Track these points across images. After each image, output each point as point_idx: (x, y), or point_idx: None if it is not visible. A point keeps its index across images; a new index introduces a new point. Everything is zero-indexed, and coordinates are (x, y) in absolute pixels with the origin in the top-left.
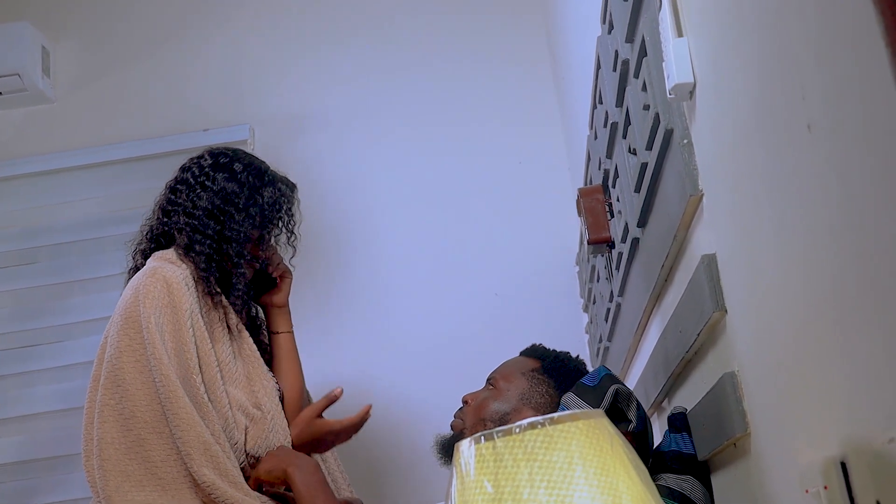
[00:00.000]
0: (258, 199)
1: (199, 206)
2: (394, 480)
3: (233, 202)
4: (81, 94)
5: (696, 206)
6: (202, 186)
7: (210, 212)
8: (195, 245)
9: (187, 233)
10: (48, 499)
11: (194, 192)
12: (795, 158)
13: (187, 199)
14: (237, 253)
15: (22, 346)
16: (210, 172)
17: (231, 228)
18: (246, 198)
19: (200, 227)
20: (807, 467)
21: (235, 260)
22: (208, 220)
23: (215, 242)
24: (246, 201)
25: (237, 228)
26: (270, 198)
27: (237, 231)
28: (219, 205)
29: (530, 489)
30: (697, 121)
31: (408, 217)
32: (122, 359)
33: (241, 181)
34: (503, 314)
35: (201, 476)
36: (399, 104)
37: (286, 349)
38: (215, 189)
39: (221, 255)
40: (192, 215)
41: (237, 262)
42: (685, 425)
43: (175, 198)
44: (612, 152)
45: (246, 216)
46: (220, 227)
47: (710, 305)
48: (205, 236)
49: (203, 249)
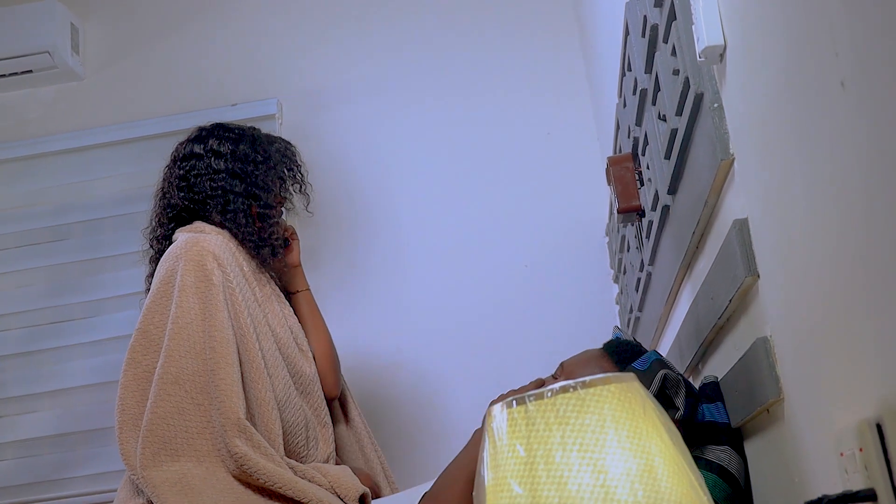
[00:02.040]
0: (270, 151)
1: (220, 170)
2: (423, 454)
3: (249, 159)
4: (111, 70)
5: (728, 170)
6: (214, 153)
7: (232, 172)
8: (229, 206)
9: (217, 196)
10: (84, 471)
11: (208, 160)
12: (829, 117)
13: (204, 167)
14: (265, 205)
15: (55, 322)
16: (215, 141)
17: (255, 184)
18: (262, 152)
19: (229, 188)
20: (842, 431)
21: (264, 212)
22: (233, 180)
23: (245, 199)
24: (262, 155)
25: (262, 182)
26: (278, 150)
27: (262, 184)
28: (239, 165)
29: (562, 452)
30: (728, 84)
31: (436, 190)
32: (174, 328)
33: (249, 140)
34: (532, 286)
35: (234, 447)
36: (425, 77)
37: (308, 306)
38: (228, 152)
39: (251, 211)
40: (216, 179)
41: (267, 214)
42: (718, 394)
43: (187, 173)
44: (641, 120)
45: (266, 167)
46: (245, 184)
47: (742, 271)
48: (235, 194)
49: (238, 207)
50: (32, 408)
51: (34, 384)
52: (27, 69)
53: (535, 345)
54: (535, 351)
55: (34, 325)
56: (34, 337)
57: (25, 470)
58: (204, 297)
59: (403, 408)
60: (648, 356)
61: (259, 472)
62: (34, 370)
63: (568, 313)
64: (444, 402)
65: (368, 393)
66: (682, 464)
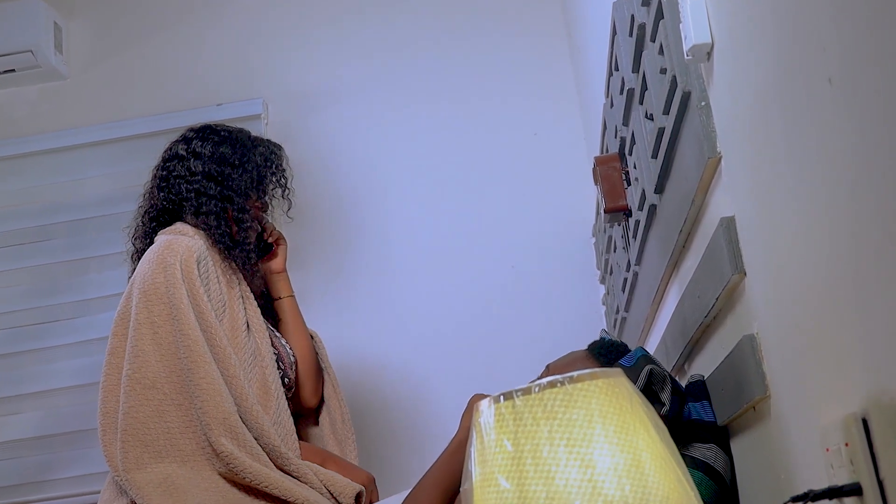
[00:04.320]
0: (251, 156)
1: (196, 172)
2: (407, 457)
3: (228, 162)
4: (95, 70)
5: (715, 168)
6: (195, 155)
7: (208, 174)
8: (202, 207)
9: (192, 199)
10: (68, 473)
11: (189, 162)
12: (816, 115)
13: (183, 168)
14: (240, 208)
15: (39, 323)
16: (199, 143)
17: (230, 187)
18: (240, 156)
19: (203, 190)
20: (828, 426)
21: (239, 215)
22: (209, 182)
23: (219, 201)
24: (241, 158)
25: (236, 185)
26: (262, 154)
27: (237, 187)
28: (215, 167)
29: (550, 447)
30: (715, 82)
31: (422, 191)
32: (140, 330)
33: (230, 143)
34: (519, 287)
35: (220, 446)
36: (412, 78)
37: (291, 313)
38: (208, 154)
39: (227, 214)
40: (192, 181)
41: (241, 218)
42: (704, 392)
43: (169, 173)
44: (628, 119)
45: (243, 171)
46: (220, 187)
47: (728, 268)
48: (209, 197)
49: (211, 209)
50: (16, 409)
51: (18, 385)
52: (10, 68)
53: (522, 346)
54: (522, 352)
55: (19, 325)
56: (18, 337)
57: (9, 472)
58: (172, 300)
59: (389, 410)
60: (635, 353)
61: (245, 470)
62: (18, 371)
63: (554, 314)
64: (430, 403)
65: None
66: (670, 459)
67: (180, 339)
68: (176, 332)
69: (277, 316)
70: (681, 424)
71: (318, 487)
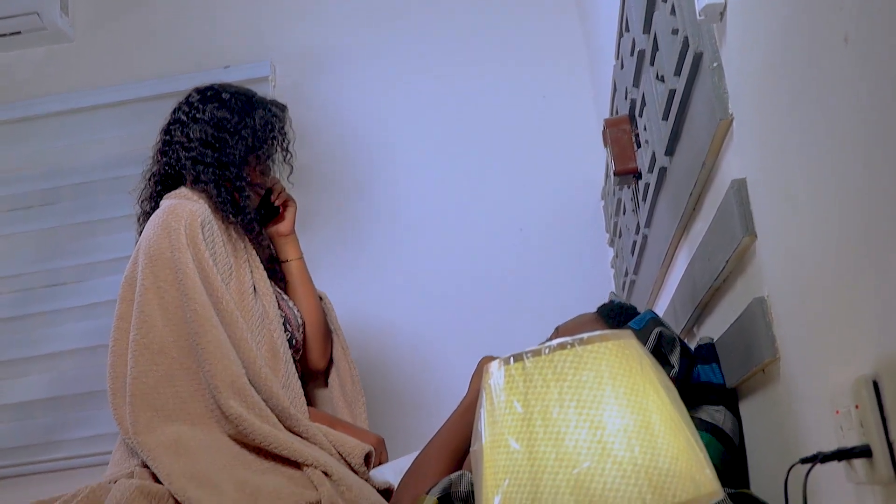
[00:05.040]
0: (249, 121)
1: (193, 139)
2: (415, 418)
3: (225, 128)
4: (101, 32)
5: (726, 130)
6: (194, 120)
7: (205, 141)
8: (201, 175)
9: (190, 166)
10: (77, 434)
11: (187, 127)
12: (830, 74)
13: (182, 134)
14: (237, 176)
15: (47, 286)
16: (199, 105)
17: (227, 153)
18: (237, 122)
19: (199, 157)
20: (837, 388)
21: (237, 184)
22: (205, 149)
23: (217, 169)
24: (237, 125)
25: (232, 152)
26: (262, 119)
27: (233, 154)
28: (212, 133)
29: (560, 408)
30: (728, 42)
31: (431, 153)
32: (147, 295)
33: (230, 107)
34: (527, 249)
35: (229, 409)
36: (420, 39)
37: (298, 275)
38: (206, 119)
39: (225, 181)
40: (189, 148)
41: (240, 186)
42: (713, 355)
43: (170, 137)
44: (638, 81)
45: (239, 139)
46: (217, 154)
47: (739, 231)
48: (206, 165)
49: (208, 178)
50: (25, 371)
51: (26, 348)
52: (15, 30)
53: (530, 309)
54: (531, 315)
55: (26, 288)
56: (26, 301)
57: (18, 433)
58: (177, 264)
59: (397, 372)
60: (644, 315)
61: (254, 432)
62: (26, 334)
63: (563, 277)
64: (438, 365)
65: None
66: (679, 420)
67: (186, 304)
68: (182, 296)
69: (286, 279)
70: (689, 387)
71: (327, 448)
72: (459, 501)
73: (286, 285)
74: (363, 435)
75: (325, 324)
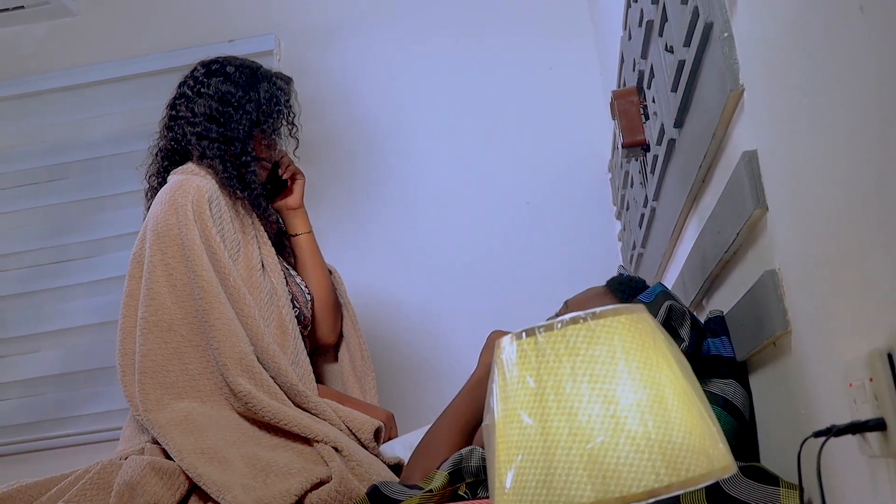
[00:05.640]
0: (253, 95)
1: (198, 114)
2: (422, 392)
3: (229, 102)
4: (104, 6)
5: (737, 101)
6: (198, 94)
7: (210, 116)
8: (206, 151)
9: (195, 142)
10: (87, 410)
11: (192, 102)
12: (845, 45)
13: (187, 109)
14: (242, 151)
15: (55, 262)
16: (204, 80)
17: (232, 128)
18: (241, 96)
19: (204, 133)
20: (851, 361)
21: (243, 159)
22: (210, 125)
23: (222, 144)
24: (241, 99)
25: (237, 126)
26: (266, 92)
27: (238, 129)
28: (216, 107)
29: (573, 383)
30: (738, 12)
31: (437, 127)
32: (155, 273)
33: (234, 81)
34: (534, 223)
35: (237, 386)
36: (426, 12)
37: (308, 250)
38: (211, 93)
39: (230, 156)
40: (194, 123)
41: (245, 161)
42: (723, 328)
43: (176, 113)
44: (647, 52)
45: (244, 113)
46: (222, 129)
47: (750, 203)
48: (211, 140)
49: (214, 153)
50: (34, 348)
51: (36, 324)
52: (19, 5)
53: (537, 282)
54: (538, 288)
55: (34, 265)
56: (34, 277)
57: (29, 409)
58: (185, 241)
59: (404, 346)
60: (654, 288)
61: (264, 409)
62: (35, 310)
63: (570, 250)
64: (446, 339)
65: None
66: (692, 395)
67: (194, 281)
68: (190, 272)
69: (295, 253)
70: (699, 360)
71: (336, 424)
72: (470, 476)
73: (295, 260)
74: (372, 410)
75: (335, 298)
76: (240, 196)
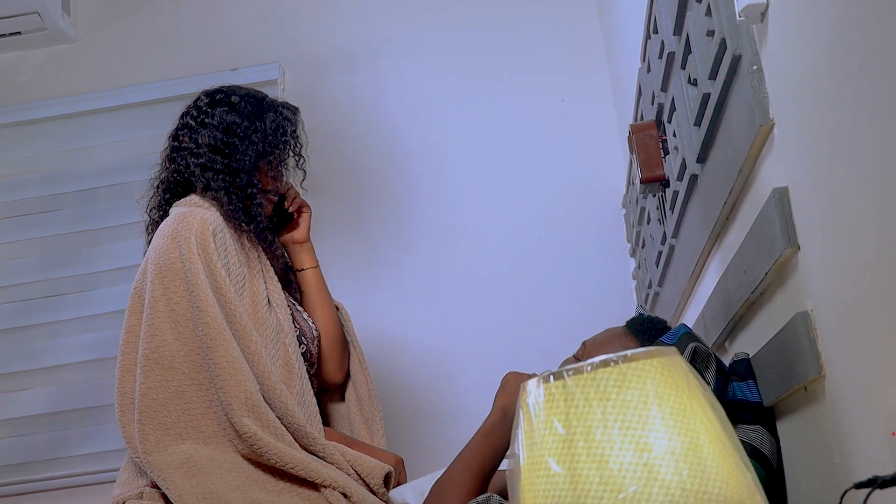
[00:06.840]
0: (259, 125)
1: (202, 144)
2: (432, 434)
3: (234, 132)
4: (104, 32)
5: (766, 136)
6: (202, 125)
7: (214, 147)
8: (210, 183)
9: (199, 173)
10: (80, 450)
11: (196, 133)
12: (881, 79)
13: (190, 140)
14: (248, 183)
15: (49, 296)
16: (208, 110)
17: (237, 159)
18: (246, 126)
19: (209, 164)
20: (894, 409)
21: (248, 191)
22: (214, 156)
23: (227, 176)
24: (247, 129)
25: (243, 158)
26: (272, 123)
27: (243, 160)
28: (221, 138)
29: (603, 429)
30: (769, 44)
31: (445, 160)
32: (157, 308)
33: (240, 111)
34: (546, 260)
35: (242, 427)
36: (435, 42)
37: (314, 285)
38: (215, 124)
39: (236, 188)
40: (198, 154)
41: (251, 193)
42: (750, 372)
43: (178, 143)
44: (667, 85)
45: (249, 144)
46: (227, 160)
47: (781, 242)
48: (216, 172)
49: (219, 185)
50: (26, 385)
51: (27, 360)
52: (16, 31)
53: (549, 321)
54: (549, 328)
55: (27, 298)
56: (27, 311)
57: (19, 449)
58: (188, 275)
59: (412, 388)
60: (677, 329)
61: (269, 451)
62: (27, 346)
63: (583, 288)
64: (455, 380)
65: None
66: (728, 442)
67: (198, 316)
68: (193, 308)
69: (301, 288)
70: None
71: (344, 468)
72: None
73: (301, 295)
74: (381, 454)
75: (343, 335)
76: (245, 229)
